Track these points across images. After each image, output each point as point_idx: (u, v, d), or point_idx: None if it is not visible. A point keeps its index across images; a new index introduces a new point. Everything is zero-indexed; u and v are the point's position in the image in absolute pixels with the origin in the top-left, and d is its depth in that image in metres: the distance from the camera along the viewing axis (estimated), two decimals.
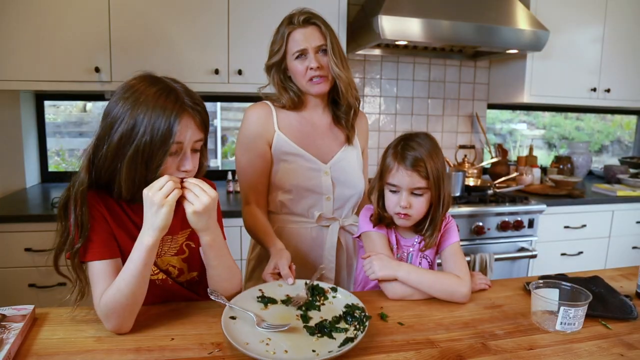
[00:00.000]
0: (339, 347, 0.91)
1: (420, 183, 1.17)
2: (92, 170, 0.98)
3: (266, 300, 1.10)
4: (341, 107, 1.44)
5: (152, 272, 1.04)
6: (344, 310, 1.05)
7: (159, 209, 0.92)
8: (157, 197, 0.91)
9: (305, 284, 1.16)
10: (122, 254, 1.03)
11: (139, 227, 1.04)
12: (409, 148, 1.18)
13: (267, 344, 0.91)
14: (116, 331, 0.96)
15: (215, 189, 1.01)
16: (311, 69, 1.33)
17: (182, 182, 0.98)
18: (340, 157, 1.45)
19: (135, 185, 0.97)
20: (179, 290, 1.15)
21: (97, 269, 0.98)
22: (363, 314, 1.02)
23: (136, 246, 0.95)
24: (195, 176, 1.03)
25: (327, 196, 1.43)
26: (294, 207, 1.44)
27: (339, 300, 1.11)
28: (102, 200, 1.02)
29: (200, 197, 0.96)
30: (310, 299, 1.11)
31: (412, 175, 1.16)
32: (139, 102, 0.94)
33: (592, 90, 2.94)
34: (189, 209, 0.96)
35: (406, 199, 1.18)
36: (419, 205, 1.19)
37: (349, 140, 1.47)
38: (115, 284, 0.94)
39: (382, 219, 1.26)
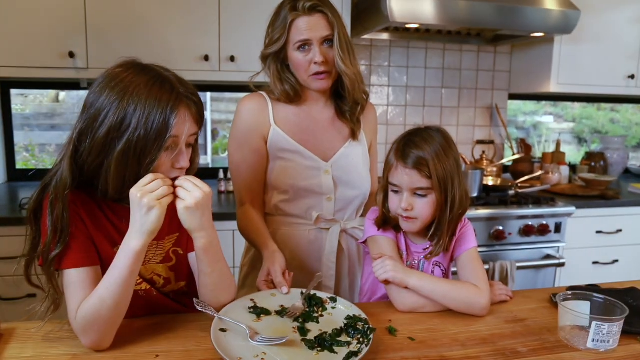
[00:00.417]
0: None
1: (422, 183, 1.17)
2: (75, 169, 0.99)
3: (259, 311, 1.10)
4: (346, 102, 1.44)
5: (135, 282, 1.04)
6: (345, 322, 1.06)
7: (149, 211, 0.92)
8: (147, 199, 0.92)
9: (302, 293, 1.17)
10: (101, 261, 1.03)
11: (120, 231, 1.04)
12: (412, 145, 1.18)
13: (262, 358, 0.92)
14: (94, 347, 0.97)
15: None
16: (315, 63, 1.33)
17: (173, 180, 0.99)
18: (343, 154, 1.46)
19: (124, 182, 0.97)
20: (165, 302, 1.15)
21: (74, 277, 0.98)
22: (367, 326, 1.03)
23: (121, 251, 0.95)
24: (187, 174, 1.04)
25: (328, 196, 1.44)
26: (290, 208, 1.44)
27: (339, 312, 1.12)
28: (79, 200, 1.03)
29: (192, 191, 0.97)
30: (307, 309, 1.12)
31: (411, 175, 1.17)
32: (128, 92, 0.95)
33: (629, 77, 2.94)
34: (180, 205, 0.97)
35: (407, 200, 1.19)
36: (422, 207, 1.19)
37: (353, 135, 1.48)
38: (96, 293, 0.95)
39: (387, 221, 1.27)
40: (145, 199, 0.92)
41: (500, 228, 2.40)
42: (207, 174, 2.79)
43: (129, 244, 0.94)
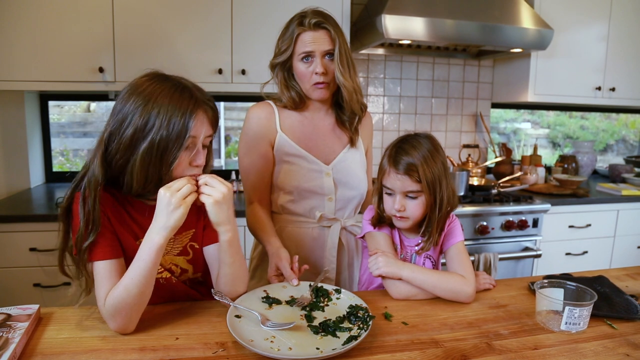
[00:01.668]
0: (343, 345, 0.91)
1: (413, 187, 1.16)
2: (105, 166, 0.99)
3: (271, 301, 1.10)
4: (345, 112, 1.43)
5: (157, 271, 1.04)
6: (348, 310, 1.06)
7: (176, 209, 0.93)
8: (175, 198, 0.92)
9: (310, 285, 1.17)
10: (125, 253, 1.03)
11: (142, 225, 1.04)
12: (403, 152, 1.17)
13: (271, 341, 0.92)
14: (121, 331, 0.97)
15: None
16: (316, 73, 1.32)
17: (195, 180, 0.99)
18: (342, 158, 1.45)
19: (147, 178, 0.98)
20: (183, 289, 1.15)
21: (102, 269, 0.98)
22: (367, 314, 1.02)
23: (145, 245, 0.95)
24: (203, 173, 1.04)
25: (329, 197, 1.43)
26: (295, 208, 1.44)
27: (342, 301, 1.12)
28: (105, 200, 1.02)
29: (218, 187, 0.98)
30: (314, 300, 1.12)
31: (403, 180, 1.16)
32: (152, 98, 0.95)
33: (596, 89, 2.93)
34: (208, 200, 0.97)
35: (400, 202, 1.18)
36: (414, 208, 1.18)
37: (352, 142, 1.47)
38: (122, 283, 0.95)
39: (382, 220, 1.26)
40: (173, 198, 0.92)
41: (484, 223, 2.39)
42: (220, 175, 2.69)
43: (152, 238, 0.94)
